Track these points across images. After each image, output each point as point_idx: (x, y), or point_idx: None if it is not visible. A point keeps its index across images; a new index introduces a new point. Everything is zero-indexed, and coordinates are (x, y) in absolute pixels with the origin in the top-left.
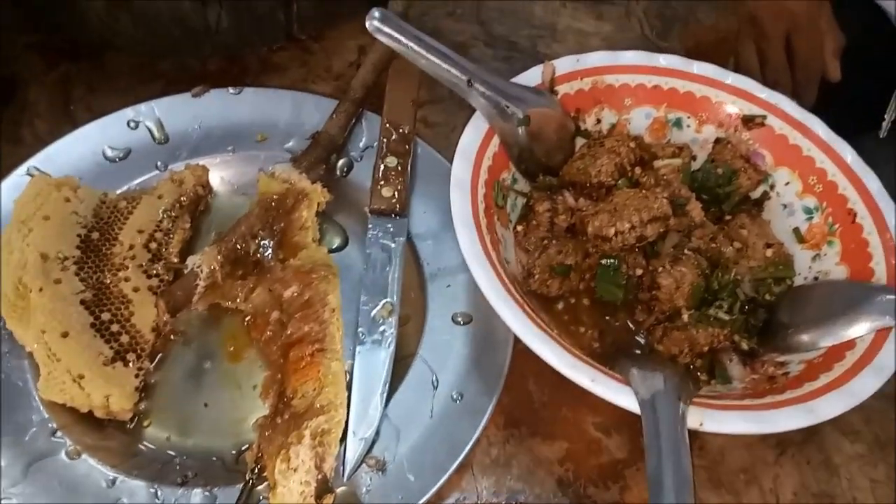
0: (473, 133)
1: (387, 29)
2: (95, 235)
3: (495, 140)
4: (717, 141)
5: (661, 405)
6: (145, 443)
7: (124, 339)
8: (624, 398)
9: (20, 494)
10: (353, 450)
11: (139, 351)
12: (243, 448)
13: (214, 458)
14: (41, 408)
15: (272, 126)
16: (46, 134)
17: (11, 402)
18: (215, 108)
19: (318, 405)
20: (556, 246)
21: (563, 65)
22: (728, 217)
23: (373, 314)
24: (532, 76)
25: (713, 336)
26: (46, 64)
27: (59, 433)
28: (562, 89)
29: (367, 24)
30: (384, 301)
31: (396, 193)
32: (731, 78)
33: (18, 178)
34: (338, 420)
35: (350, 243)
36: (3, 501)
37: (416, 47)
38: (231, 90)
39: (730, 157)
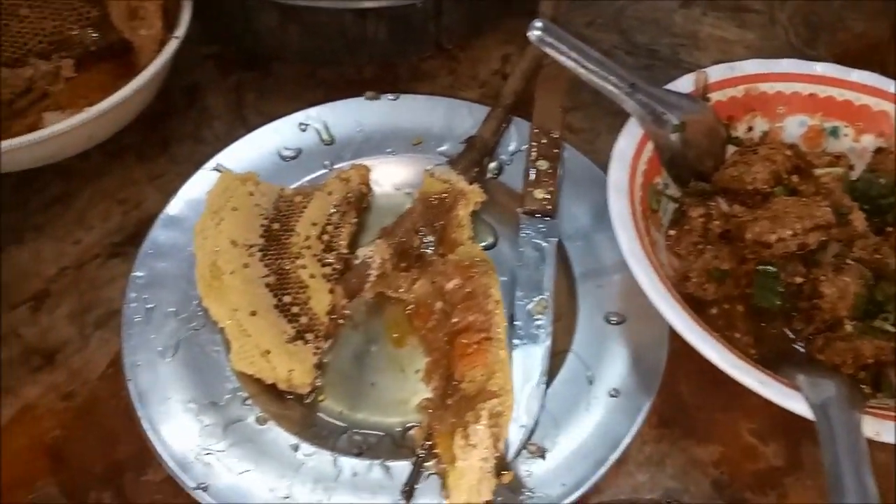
0: (629, 139)
1: (549, 39)
2: (276, 226)
3: (649, 145)
4: (878, 150)
5: (835, 412)
6: (321, 414)
7: (303, 320)
8: (794, 403)
9: (221, 452)
10: (515, 435)
11: (316, 332)
12: (409, 426)
13: (383, 434)
14: (233, 377)
15: (427, 130)
16: (224, 134)
17: (208, 372)
18: (376, 113)
19: (490, 388)
20: (711, 251)
21: (716, 72)
22: (891, 228)
23: (528, 308)
24: (685, 84)
25: (879, 348)
26: (222, 72)
27: (248, 401)
28: (714, 96)
29: (529, 35)
30: (539, 297)
31: (548, 195)
32: (894, 87)
33: (206, 172)
34: (509, 404)
35: (500, 241)
36: (206, 455)
37: (577, 56)
38: (389, 96)
39: (891, 167)
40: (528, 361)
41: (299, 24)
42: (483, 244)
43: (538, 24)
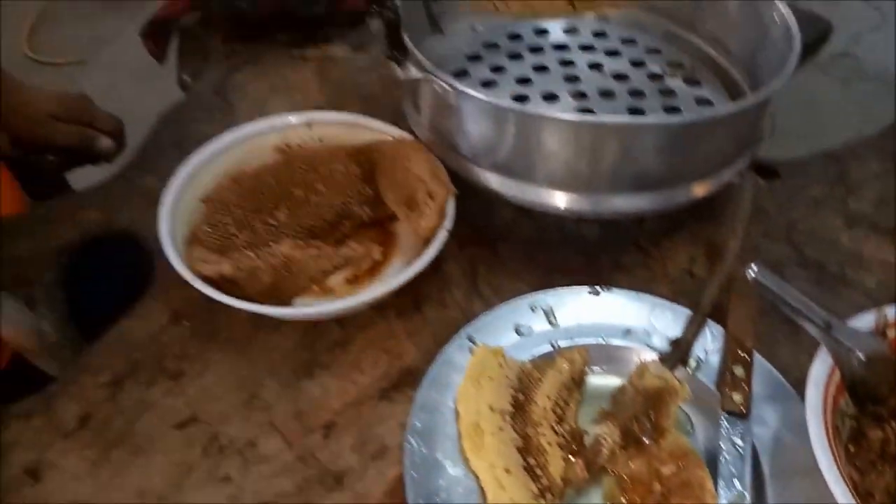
0: (821, 366)
1: (764, 280)
2: (521, 396)
3: (837, 372)
4: None
5: None
6: None
7: (544, 481)
8: None
9: None
10: None
11: (552, 492)
12: None
13: None
14: None
15: (635, 322)
16: (462, 300)
17: None
18: (593, 302)
19: None
20: (892, 472)
21: (893, 313)
22: None
23: (726, 502)
24: (866, 320)
25: None
26: (459, 246)
27: None
28: (891, 333)
29: (746, 273)
30: (736, 491)
31: (743, 399)
32: None
33: (461, 340)
34: None
35: (695, 431)
36: None
37: (782, 295)
38: (605, 291)
39: None
40: None
41: (529, 219)
42: (683, 434)
43: (755, 267)
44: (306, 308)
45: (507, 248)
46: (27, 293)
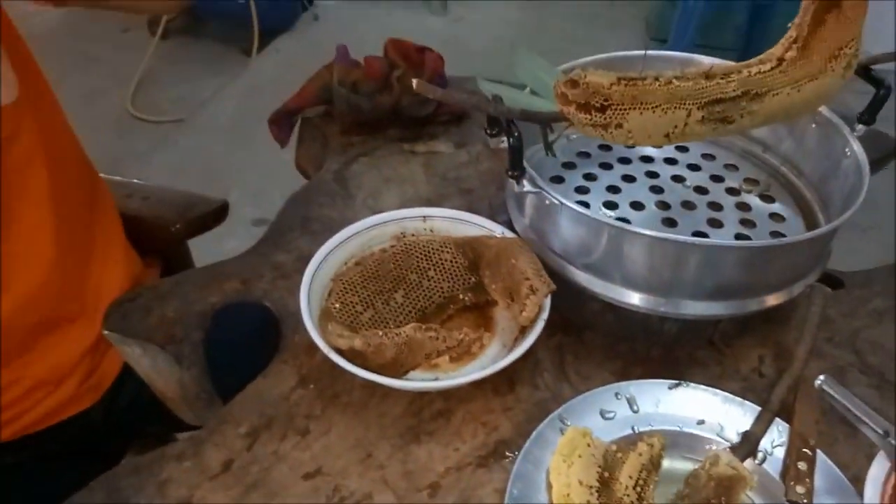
0: (879, 468)
1: (830, 390)
2: (606, 474)
3: (894, 475)
4: None
5: None
6: None
7: None
8: None
9: None
10: None
11: None
12: None
13: None
14: None
15: (708, 415)
16: (552, 383)
17: None
18: (672, 395)
19: None
20: None
21: None
22: None
23: None
24: None
25: None
26: (549, 335)
27: None
28: None
29: (816, 384)
30: None
31: (806, 492)
32: None
33: (553, 421)
34: None
35: None
36: None
37: (848, 405)
38: (683, 385)
39: None
40: None
41: (613, 313)
42: None
43: (823, 377)
44: (421, 382)
45: (593, 338)
46: (175, 349)
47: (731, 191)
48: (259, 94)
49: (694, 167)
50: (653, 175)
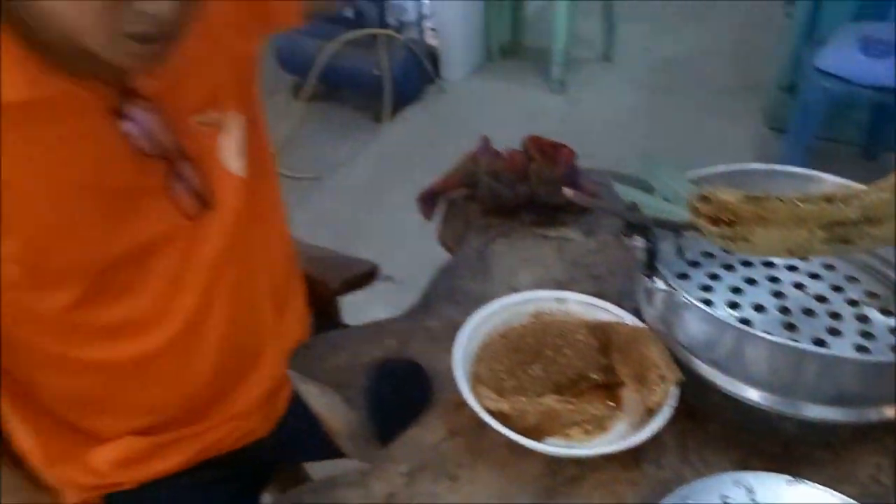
0: None
1: None
2: None
3: None
4: None
5: None
6: None
7: None
8: None
9: None
10: None
11: None
12: None
13: None
14: None
15: None
16: (674, 464)
17: None
18: (789, 490)
19: None
20: None
21: None
22: None
23: None
24: None
25: None
26: (674, 419)
27: None
28: None
29: None
30: None
31: None
32: None
33: (678, 500)
34: None
35: None
36: None
37: None
38: (797, 480)
39: None
40: None
41: (736, 407)
42: None
43: None
44: (558, 448)
45: (715, 427)
46: (345, 392)
47: (852, 302)
48: (388, 160)
49: (815, 276)
50: (774, 280)
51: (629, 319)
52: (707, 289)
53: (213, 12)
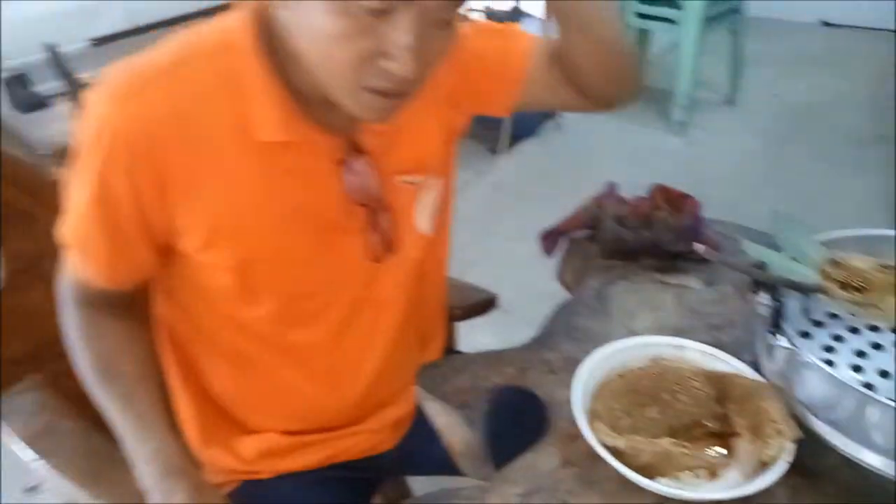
0: None
1: None
2: None
3: None
4: None
5: None
6: None
7: None
8: None
9: None
10: None
11: None
12: None
13: None
14: None
15: None
16: None
17: None
18: None
19: None
20: None
21: None
22: None
23: None
24: None
25: None
26: (786, 474)
27: None
28: None
29: None
30: None
31: None
32: None
33: None
34: None
35: None
36: None
37: None
38: None
39: None
40: None
41: (852, 469)
42: None
43: None
44: (669, 488)
45: (829, 488)
46: (466, 413)
47: None
48: (501, 191)
49: None
50: None
51: (748, 372)
52: (830, 349)
53: (439, 84)
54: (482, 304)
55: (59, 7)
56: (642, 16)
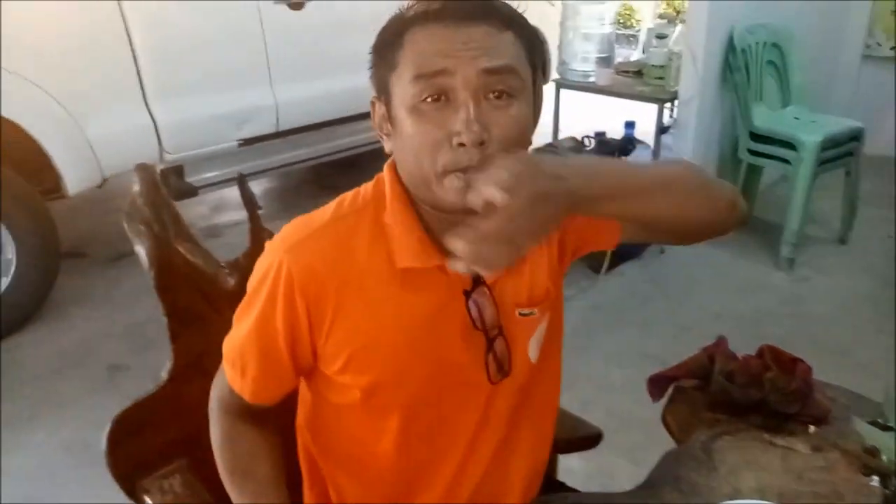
0: None
1: None
2: None
3: None
4: None
5: None
6: None
7: None
8: None
9: None
10: None
11: None
12: None
13: None
14: None
15: None
16: None
17: None
18: None
19: None
20: None
21: None
22: None
23: None
24: None
25: None
26: None
27: None
28: None
29: None
30: None
31: None
32: None
33: None
34: None
35: None
36: None
37: None
38: None
39: None
40: None
41: None
42: None
43: None
44: None
45: None
46: None
47: None
48: (601, 311)
49: None
50: None
51: None
52: None
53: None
54: (587, 440)
55: (216, 111)
56: (754, 153)
